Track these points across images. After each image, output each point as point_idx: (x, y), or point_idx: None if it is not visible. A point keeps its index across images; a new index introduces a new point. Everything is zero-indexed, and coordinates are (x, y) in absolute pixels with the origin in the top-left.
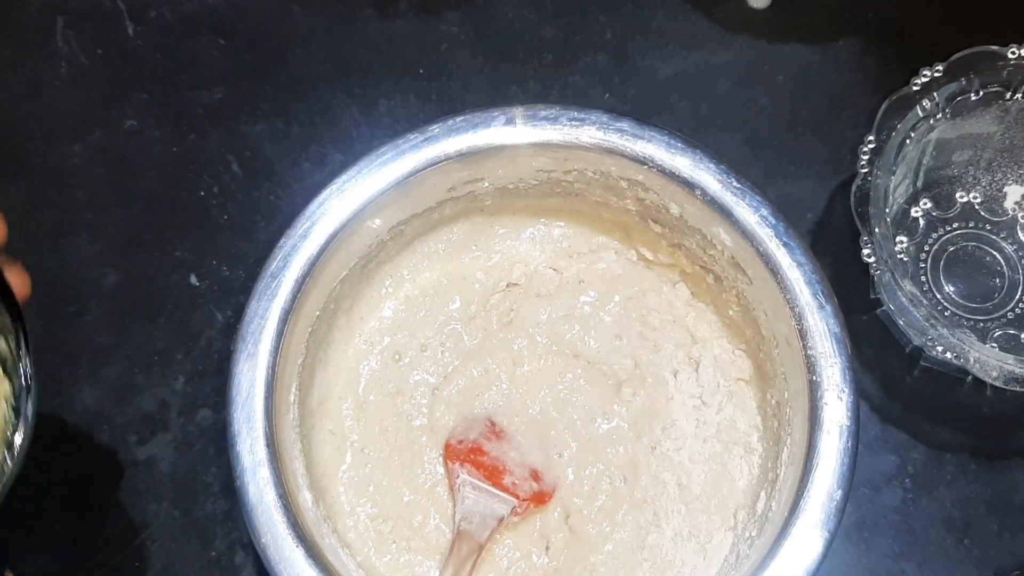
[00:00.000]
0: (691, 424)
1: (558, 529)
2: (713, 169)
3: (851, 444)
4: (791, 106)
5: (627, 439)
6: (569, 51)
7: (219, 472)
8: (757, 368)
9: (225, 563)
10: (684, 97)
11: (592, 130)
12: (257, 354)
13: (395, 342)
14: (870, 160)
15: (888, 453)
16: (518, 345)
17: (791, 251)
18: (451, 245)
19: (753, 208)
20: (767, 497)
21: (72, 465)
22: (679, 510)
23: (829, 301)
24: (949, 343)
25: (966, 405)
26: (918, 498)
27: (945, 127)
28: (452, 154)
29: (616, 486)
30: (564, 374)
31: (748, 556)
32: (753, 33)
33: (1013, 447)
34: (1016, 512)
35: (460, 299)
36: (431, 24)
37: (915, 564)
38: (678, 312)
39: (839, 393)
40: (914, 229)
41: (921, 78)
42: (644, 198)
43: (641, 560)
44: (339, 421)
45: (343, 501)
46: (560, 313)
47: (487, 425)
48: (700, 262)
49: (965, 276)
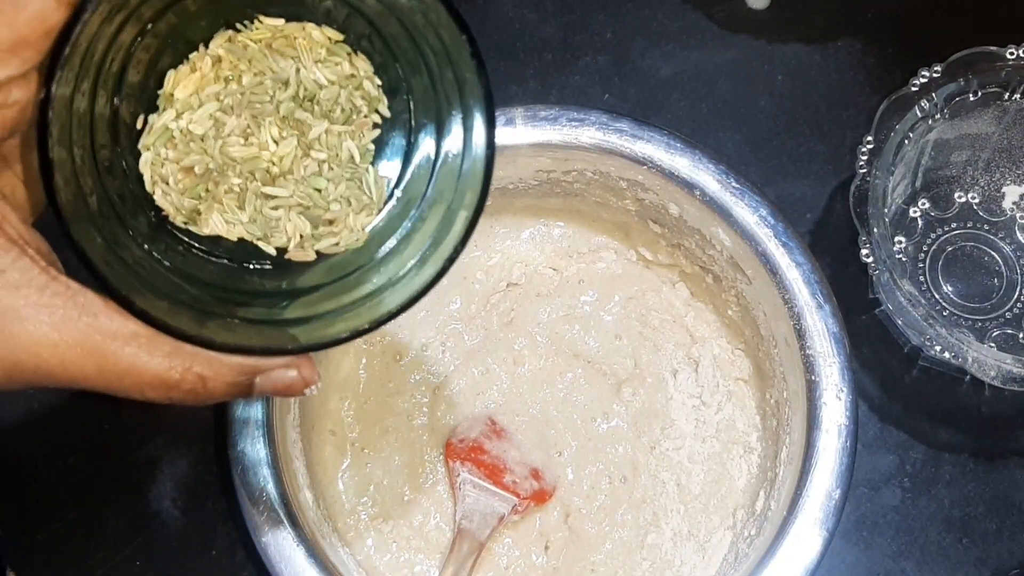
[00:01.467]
0: (690, 424)
1: (557, 528)
2: (712, 169)
3: (850, 443)
4: (790, 106)
5: (627, 438)
6: (569, 51)
7: (219, 472)
8: (756, 368)
9: (225, 563)
10: (684, 97)
11: (591, 130)
12: None
13: (395, 342)
14: (869, 160)
15: (887, 452)
16: (518, 345)
17: (790, 251)
18: None
19: (752, 208)
20: (766, 496)
21: (72, 465)
22: (678, 509)
23: (828, 301)
24: (947, 343)
25: (965, 405)
26: (917, 497)
27: (944, 127)
28: None
29: (615, 485)
30: (564, 374)
31: (747, 555)
32: (753, 33)
33: (1011, 446)
34: (1015, 511)
35: (460, 299)
36: None
37: (914, 563)
38: (677, 312)
39: (838, 392)
40: (913, 229)
41: (920, 78)
42: (643, 198)
43: (640, 559)
44: (339, 421)
45: (343, 500)
46: (560, 313)
47: (488, 424)
48: (699, 262)
49: (963, 276)
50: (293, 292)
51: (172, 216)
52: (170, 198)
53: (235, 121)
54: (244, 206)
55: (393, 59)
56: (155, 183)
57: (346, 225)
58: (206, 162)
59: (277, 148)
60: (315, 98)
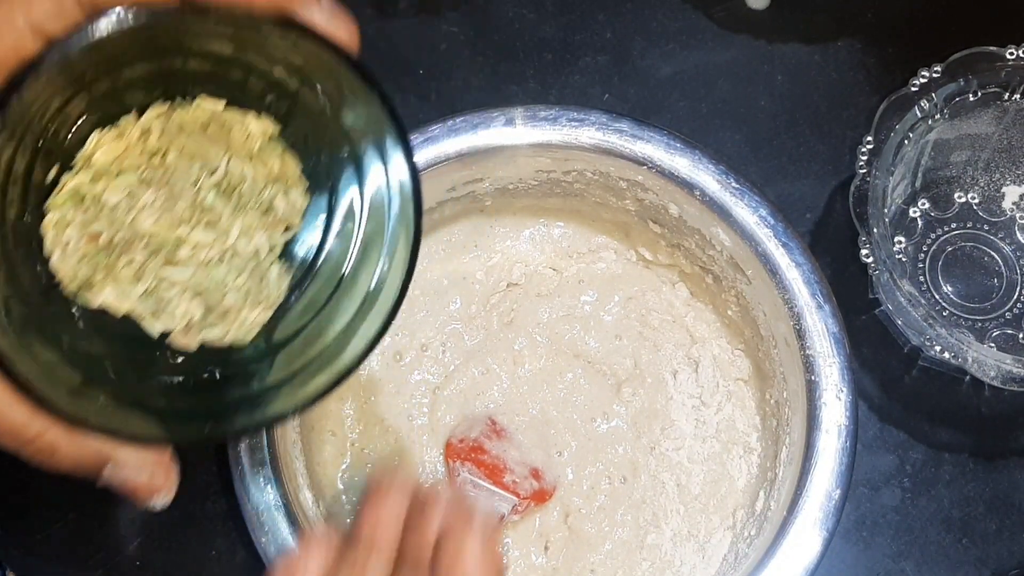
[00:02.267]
0: (690, 424)
1: (557, 528)
2: (712, 169)
3: (849, 444)
4: (790, 106)
5: (626, 439)
6: (569, 51)
7: (219, 472)
8: (756, 368)
9: (225, 563)
10: (684, 97)
11: (591, 131)
12: None
13: (396, 342)
14: (869, 160)
15: (887, 453)
16: (519, 345)
17: (790, 251)
18: (451, 245)
19: (752, 208)
20: (766, 496)
21: None
22: (678, 510)
23: (828, 301)
24: (947, 343)
25: (964, 405)
26: (917, 497)
27: (943, 127)
28: (452, 155)
29: (615, 485)
30: (564, 374)
31: (747, 555)
32: (753, 33)
33: (1011, 447)
34: (1014, 512)
35: (460, 299)
36: (431, 24)
37: (914, 563)
38: (677, 312)
39: (837, 393)
40: (912, 229)
41: (920, 79)
42: (643, 198)
43: (640, 560)
44: (339, 421)
45: (343, 501)
46: (560, 313)
47: (488, 424)
48: (699, 262)
49: (963, 276)
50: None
51: (65, 283)
52: (67, 263)
53: (151, 196)
54: (141, 279)
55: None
56: (55, 245)
57: (238, 318)
58: (113, 232)
59: (189, 232)
60: (237, 189)
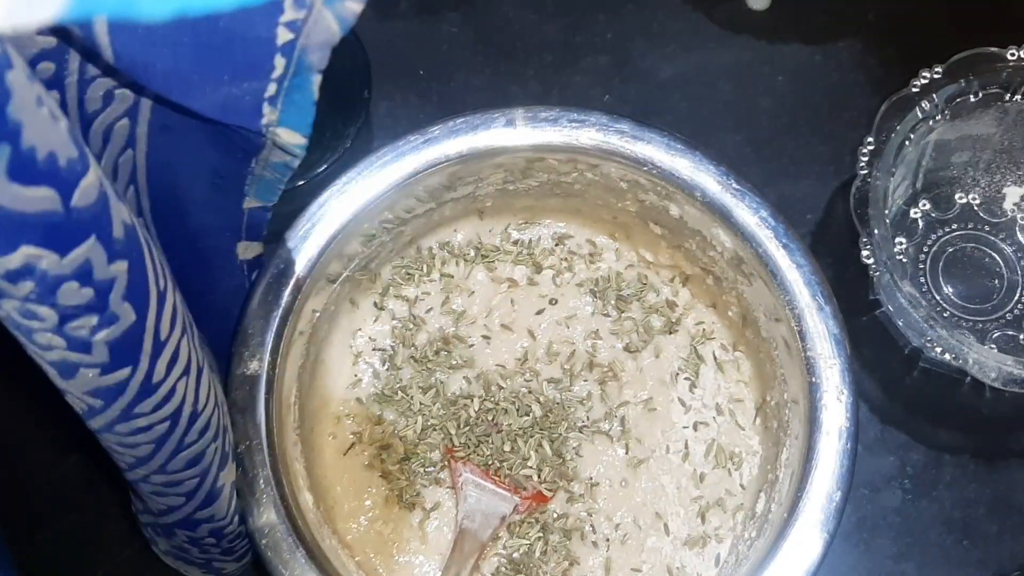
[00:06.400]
0: (690, 425)
1: (557, 530)
2: (713, 170)
3: (850, 445)
4: (791, 107)
5: (627, 440)
6: (570, 52)
7: None
8: (757, 369)
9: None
10: (684, 98)
11: (592, 132)
12: (257, 355)
13: (396, 343)
14: (870, 161)
15: (887, 454)
16: (519, 345)
17: (791, 252)
18: (451, 245)
19: (753, 209)
20: (767, 498)
21: (72, 465)
22: (678, 512)
23: (828, 302)
24: (948, 344)
25: (965, 406)
26: (917, 499)
27: (944, 128)
28: (452, 156)
29: (616, 488)
30: (564, 375)
31: (747, 557)
32: (753, 34)
33: (1012, 448)
34: (1015, 513)
35: (460, 299)
36: (431, 25)
37: (915, 565)
38: (678, 313)
39: (838, 394)
40: (913, 230)
41: (921, 79)
42: (644, 199)
43: (641, 562)
44: (340, 422)
45: (343, 502)
46: (561, 314)
47: (489, 424)
48: (700, 263)
49: (964, 277)
50: None
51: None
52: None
53: None
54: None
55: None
56: None
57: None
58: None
59: None
60: None
